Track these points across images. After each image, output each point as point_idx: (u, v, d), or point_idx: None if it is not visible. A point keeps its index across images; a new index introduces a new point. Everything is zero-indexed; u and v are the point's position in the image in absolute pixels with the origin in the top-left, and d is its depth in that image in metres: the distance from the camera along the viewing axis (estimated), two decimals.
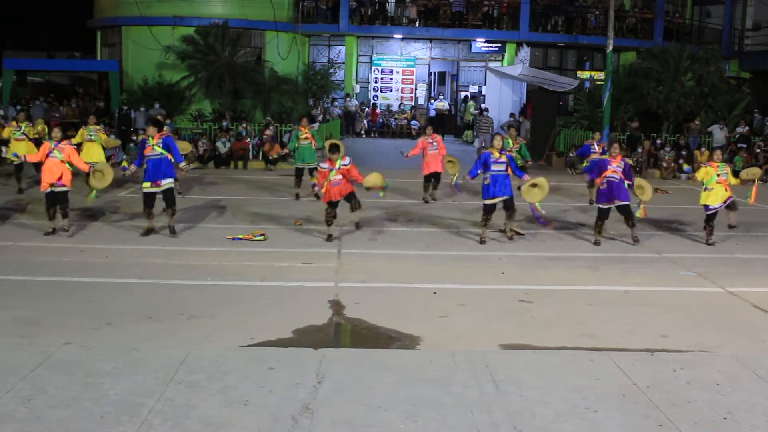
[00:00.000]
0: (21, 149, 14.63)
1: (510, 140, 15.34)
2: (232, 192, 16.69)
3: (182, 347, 6.85)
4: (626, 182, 11.81)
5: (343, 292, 8.96)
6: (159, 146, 11.60)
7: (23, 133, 15.48)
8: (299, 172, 15.68)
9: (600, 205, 11.99)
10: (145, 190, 11.69)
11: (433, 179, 15.67)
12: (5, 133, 16.18)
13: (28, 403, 5.58)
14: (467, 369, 6.44)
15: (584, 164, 15.57)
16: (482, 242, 11.84)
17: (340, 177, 11.64)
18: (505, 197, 11.69)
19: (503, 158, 11.75)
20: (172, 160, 11.73)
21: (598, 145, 15.74)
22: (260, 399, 5.78)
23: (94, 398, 5.70)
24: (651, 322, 8.12)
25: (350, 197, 11.84)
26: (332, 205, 11.71)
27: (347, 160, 11.74)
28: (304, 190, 15.42)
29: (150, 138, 11.63)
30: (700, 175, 12.33)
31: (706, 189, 12.09)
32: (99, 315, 7.85)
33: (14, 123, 16.18)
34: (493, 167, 11.66)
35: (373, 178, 12.26)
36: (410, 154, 15.66)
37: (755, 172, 13.60)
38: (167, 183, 11.68)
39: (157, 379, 6.05)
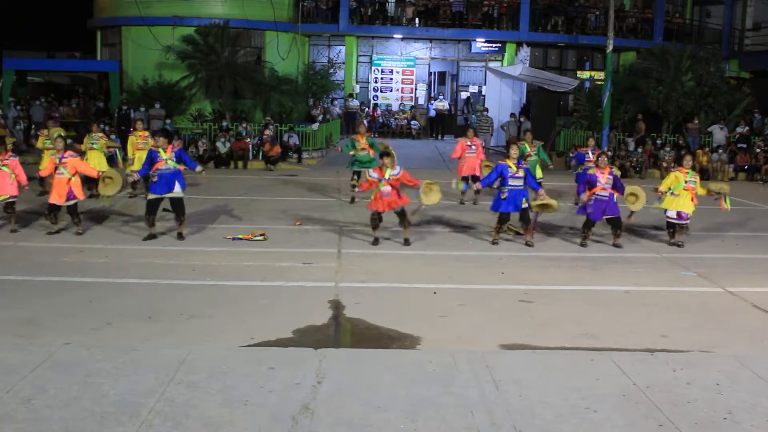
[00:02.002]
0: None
1: (527, 145, 15.02)
2: (231, 192, 16.69)
3: (182, 347, 6.84)
4: (616, 195, 11.66)
5: (343, 292, 8.95)
6: (172, 160, 11.34)
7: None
8: (357, 174, 15.09)
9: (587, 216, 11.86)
10: (150, 198, 11.45)
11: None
12: (39, 144, 16.08)
13: (28, 403, 5.58)
14: (467, 369, 6.44)
15: (578, 170, 15.46)
16: (494, 243, 11.84)
17: (390, 188, 11.25)
18: (517, 212, 11.72)
19: (521, 172, 11.61)
20: (182, 169, 11.55)
21: (593, 153, 15.53)
22: (260, 399, 5.77)
23: (94, 398, 5.70)
24: (651, 322, 8.12)
25: (401, 213, 11.46)
26: (379, 213, 11.44)
27: (397, 169, 11.28)
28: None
29: (161, 150, 11.34)
30: (667, 183, 12.13)
31: (672, 194, 11.98)
32: (99, 315, 7.85)
33: (45, 132, 16.04)
34: (511, 182, 11.52)
35: (432, 195, 11.97)
36: (452, 157, 15.94)
37: (722, 187, 12.71)
38: (177, 192, 11.43)
39: (157, 379, 6.05)
